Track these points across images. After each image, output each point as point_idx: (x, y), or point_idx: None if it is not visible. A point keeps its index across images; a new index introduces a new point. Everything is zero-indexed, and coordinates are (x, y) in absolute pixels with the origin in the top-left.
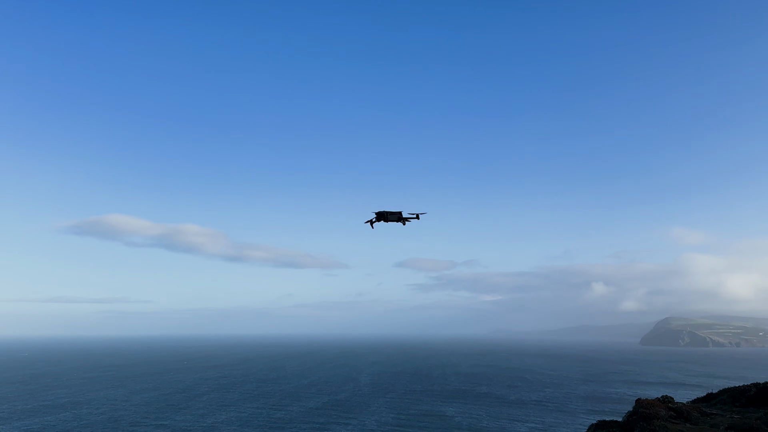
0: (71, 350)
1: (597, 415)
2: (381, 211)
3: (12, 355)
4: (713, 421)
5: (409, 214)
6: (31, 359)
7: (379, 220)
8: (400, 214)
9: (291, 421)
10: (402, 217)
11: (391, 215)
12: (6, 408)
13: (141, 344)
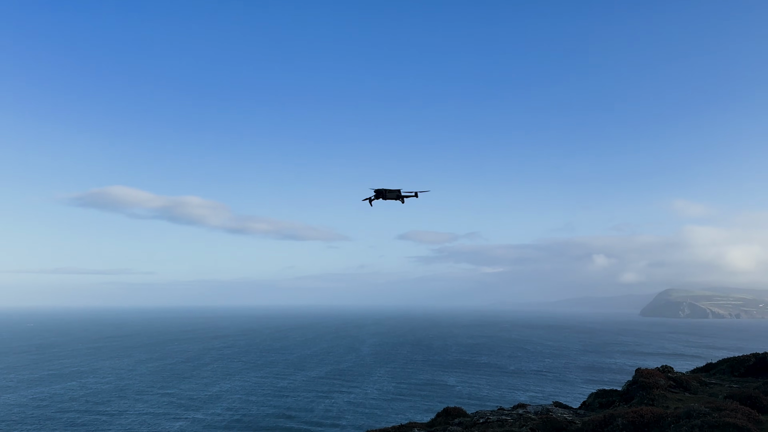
0: (76, 321)
1: (596, 384)
2: (380, 189)
3: (17, 325)
4: (712, 391)
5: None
6: (37, 330)
7: (378, 198)
8: (398, 192)
9: (295, 390)
10: (401, 194)
11: (390, 193)
12: (14, 377)
13: (145, 315)
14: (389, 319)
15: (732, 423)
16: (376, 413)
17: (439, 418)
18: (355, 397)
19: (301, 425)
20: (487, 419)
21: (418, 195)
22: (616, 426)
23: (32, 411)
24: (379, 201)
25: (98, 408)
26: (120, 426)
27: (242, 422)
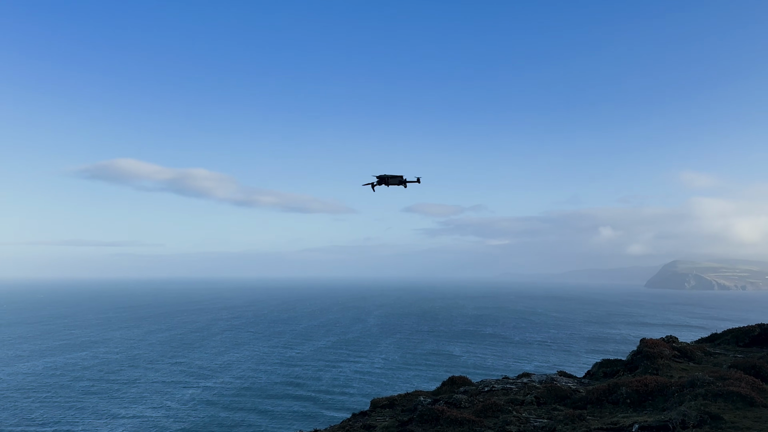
0: (85, 292)
1: (601, 354)
2: (382, 175)
3: (27, 297)
4: (716, 360)
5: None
6: (47, 301)
7: (381, 184)
8: (401, 178)
9: (303, 359)
10: (403, 180)
11: (393, 179)
12: (27, 347)
13: (153, 287)
14: (395, 290)
15: (736, 392)
16: (383, 382)
17: (445, 386)
18: (362, 366)
19: (310, 393)
20: (492, 388)
21: (419, 180)
22: (620, 395)
23: (46, 380)
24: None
25: (110, 377)
26: (133, 394)
27: (252, 390)
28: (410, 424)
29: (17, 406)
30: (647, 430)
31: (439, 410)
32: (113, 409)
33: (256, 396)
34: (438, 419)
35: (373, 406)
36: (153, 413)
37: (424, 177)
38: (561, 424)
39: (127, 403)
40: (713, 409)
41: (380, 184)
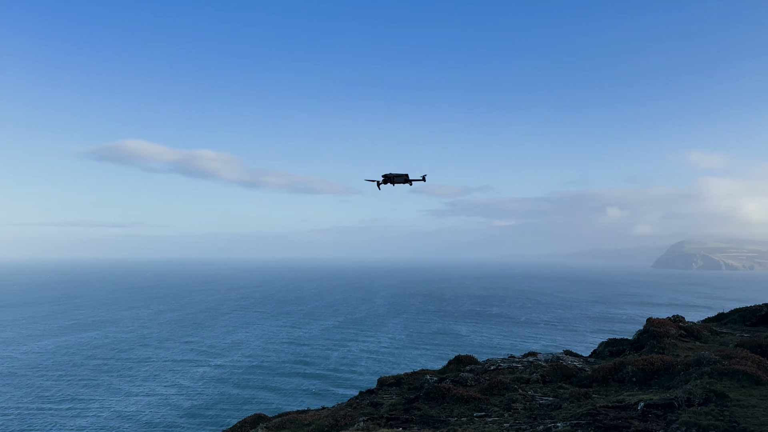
0: (94, 273)
1: (607, 334)
2: (388, 174)
3: (36, 277)
4: (723, 340)
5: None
6: (57, 281)
7: (386, 183)
8: (406, 176)
9: (311, 339)
10: (408, 179)
11: (398, 177)
12: (40, 327)
13: (161, 267)
14: (402, 271)
15: (741, 370)
16: (390, 360)
17: (451, 365)
18: (369, 345)
19: (318, 371)
20: (498, 366)
21: (425, 179)
22: (625, 373)
23: (60, 358)
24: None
25: (122, 355)
26: (145, 372)
27: (261, 368)
28: (417, 401)
29: (33, 384)
30: (653, 407)
31: (445, 388)
32: (126, 387)
33: (265, 374)
34: (444, 397)
35: (380, 384)
36: (165, 390)
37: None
38: (567, 402)
39: (140, 381)
40: (719, 387)
41: (386, 183)
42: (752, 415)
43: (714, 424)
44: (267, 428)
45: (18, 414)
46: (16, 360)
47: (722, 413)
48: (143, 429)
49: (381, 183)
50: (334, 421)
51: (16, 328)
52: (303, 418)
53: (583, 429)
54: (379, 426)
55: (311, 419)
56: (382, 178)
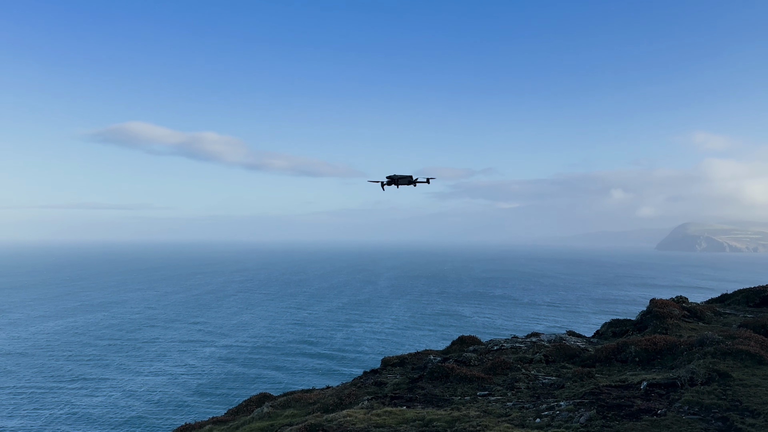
0: (99, 254)
1: (610, 315)
2: (392, 176)
3: (42, 259)
4: (726, 320)
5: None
6: (62, 263)
7: (390, 185)
8: (410, 178)
9: (315, 319)
10: (413, 180)
11: (402, 179)
12: (50, 308)
13: (165, 249)
14: (405, 254)
15: (745, 350)
16: (394, 341)
17: (454, 345)
18: (373, 326)
19: (324, 351)
20: (501, 347)
21: (429, 181)
22: (628, 353)
23: (70, 338)
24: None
25: (131, 335)
26: (154, 352)
27: (267, 348)
28: (420, 381)
29: (44, 364)
30: (656, 387)
31: (448, 368)
32: (136, 366)
33: (271, 354)
34: (448, 376)
35: (384, 364)
36: (174, 370)
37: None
38: (569, 382)
39: (149, 361)
40: (722, 367)
41: (390, 184)
42: (755, 394)
43: (716, 403)
44: (272, 407)
45: (31, 393)
46: (26, 340)
47: (725, 392)
48: (154, 407)
49: (385, 184)
50: (339, 400)
51: (26, 309)
52: (308, 397)
53: (585, 408)
54: (384, 405)
55: (316, 398)
56: (387, 179)
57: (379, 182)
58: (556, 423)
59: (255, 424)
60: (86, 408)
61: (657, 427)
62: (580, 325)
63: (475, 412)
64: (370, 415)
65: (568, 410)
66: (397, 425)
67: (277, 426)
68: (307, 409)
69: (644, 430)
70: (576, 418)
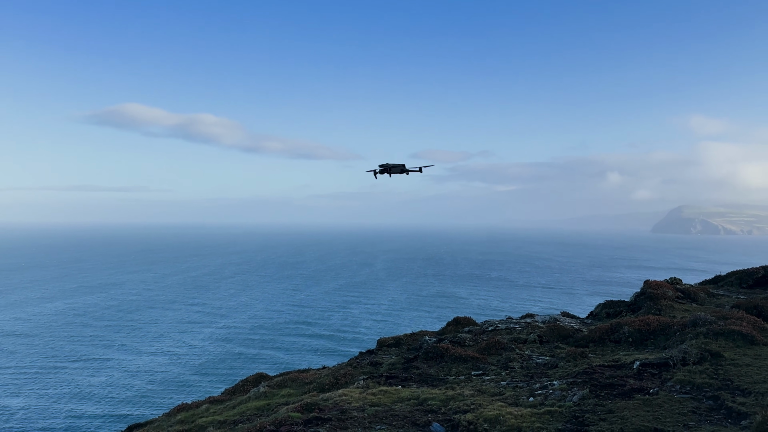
0: (96, 236)
1: (604, 297)
2: (385, 164)
3: (39, 241)
4: (719, 302)
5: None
6: (59, 245)
7: (383, 173)
8: (403, 167)
9: (313, 301)
10: (405, 169)
11: (395, 168)
12: (48, 289)
13: (163, 231)
14: (402, 237)
15: (737, 330)
16: (390, 322)
17: (450, 326)
18: (370, 307)
19: (321, 331)
20: (496, 327)
21: (422, 170)
22: (622, 334)
23: (70, 318)
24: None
25: (131, 316)
26: (154, 332)
27: (266, 328)
28: (415, 361)
29: (46, 344)
30: (648, 366)
31: (443, 348)
32: (137, 346)
33: (270, 334)
34: (443, 356)
35: (380, 345)
36: (175, 349)
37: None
38: (563, 361)
39: (150, 341)
40: (714, 347)
41: (383, 173)
42: (746, 374)
43: (708, 383)
44: (269, 386)
45: (34, 373)
46: (27, 321)
47: (716, 372)
48: (155, 386)
49: (378, 173)
50: (335, 380)
51: (26, 290)
52: (304, 377)
53: (578, 387)
54: (379, 384)
55: (312, 378)
56: (379, 168)
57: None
58: (549, 402)
59: (251, 403)
60: (89, 387)
61: (649, 405)
62: (574, 307)
63: (470, 391)
64: (366, 394)
65: (561, 389)
66: (393, 404)
67: (274, 405)
68: (303, 388)
69: (636, 408)
70: (569, 397)
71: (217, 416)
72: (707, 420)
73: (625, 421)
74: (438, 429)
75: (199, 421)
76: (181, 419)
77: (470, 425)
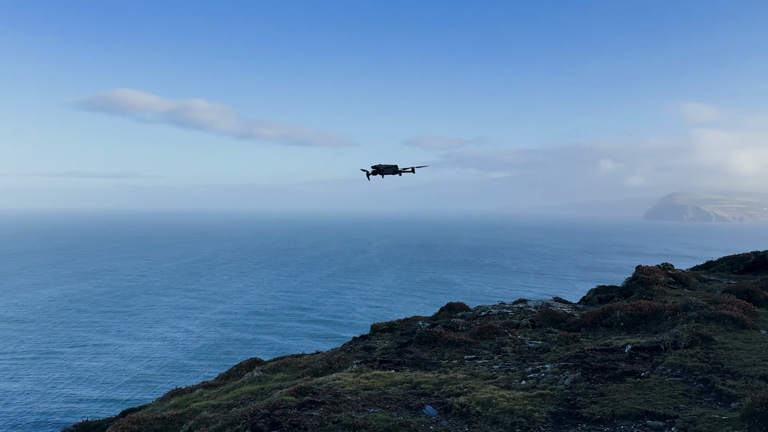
0: (89, 223)
1: (596, 283)
2: (377, 165)
3: (31, 227)
4: (711, 287)
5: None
6: (51, 231)
7: (376, 174)
8: (395, 167)
9: (308, 287)
10: (398, 170)
11: (387, 169)
12: (44, 275)
13: (155, 218)
14: (396, 223)
15: (728, 315)
16: (384, 307)
17: (443, 312)
18: (364, 293)
19: (316, 316)
20: (489, 312)
21: (414, 170)
22: (614, 318)
23: (67, 304)
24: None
25: (126, 302)
26: (151, 318)
27: (261, 314)
28: (409, 345)
29: (43, 329)
30: (639, 350)
31: (436, 333)
32: (134, 331)
33: (265, 319)
34: (436, 341)
35: (373, 330)
36: (171, 334)
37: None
38: (555, 345)
39: (147, 326)
40: (705, 331)
41: (375, 174)
42: (736, 357)
43: (699, 366)
44: (262, 371)
45: (33, 358)
46: (23, 307)
47: (707, 355)
48: (152, 371)
49: (371, 174)
50: (328, 364)
51: (20, 277)
52: (298, 361)
53: (570, 370)
54: (372, 368)
55: (306, 363)
56: (372, 168)
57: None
58: (541, 385)
59: (245, 387)
60: (86, 372)
61: (640, 388)
62: (567, 293)
63: (462, 374)
64: (359, 378)
65: (553, 373)
66: (386, 387)
67: (267, 389)
68: (297, 373)
69: (627, 391)
70: (561, 380)
71: (211, 400)
72: (697, 402)
73: (617, 404)
74: (431, 412)
75: (193, 406)
76: (175, 403)
77: (463, 408)
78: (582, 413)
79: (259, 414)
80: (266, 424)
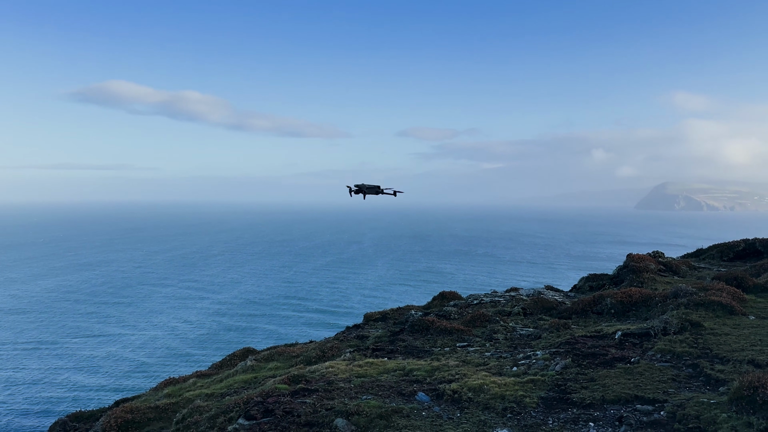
0: (82, 215)
1: (587, 271)
2: (360, 185)
3: (22, 220)
4: (701, 274)
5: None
6: (44, 224)
7: (358, 193)
8: (378, 188)
9: (302, 277)
10: (380, 190)
11: (370, 189)
12: (39, 267)
13: (149, 210)
14: (389, 214)
15: (717, 301)
16: (377, 296)
17: (435, 300)
18: (357, 283)
19: (310, 304)
20: (481, 301)
21: (396, 194)
22: (604, 305)
23: (63, 295)
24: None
25: (123, 292)
26: (147, 308)
27: (257, 303)
28: (402, 334)
29: (42, 320)
30: (629, 336)
31: (429, 321)
32: (132, 321)
33: (261, 309)
34: (428, 329)
35: (366, 319)
36: (169, 324)
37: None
38: (546, 332)
39: (144, 315)
40: (694, 317)
41: (358, 192)
42: (724, 343)
43: (688, 351)
44: (256, 360)
45: (33, 348)
46: (21, 299)
47: (696, 341)
48: (151, 360)
49: (353, 191)
50: (322, 353)
51: (15, 269)
52: (291, 350)
53: (561, 356)
54: (365, 356)
55: (299, 352)
56: (355, 187)
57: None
58: (532, 371)
59: (238, 377)
60: (87, 361)
61: (630, 374)
62: (558, 281)
63: (454, 361)
64: (352, 366)
65: (544, 359)
66: (379, 375)
67: (261, 378)
68: (290, 362)
69: (617, 377)
70: (552, 366)
71: (205, 390)
72: (686, 387)
73: (607, 389)
74: (423, 398)
75: (186, 395)
76: (169, 393)
77: (455, 394)
78: (572, 398)
79: (253, 402)
80: (259, 412)
